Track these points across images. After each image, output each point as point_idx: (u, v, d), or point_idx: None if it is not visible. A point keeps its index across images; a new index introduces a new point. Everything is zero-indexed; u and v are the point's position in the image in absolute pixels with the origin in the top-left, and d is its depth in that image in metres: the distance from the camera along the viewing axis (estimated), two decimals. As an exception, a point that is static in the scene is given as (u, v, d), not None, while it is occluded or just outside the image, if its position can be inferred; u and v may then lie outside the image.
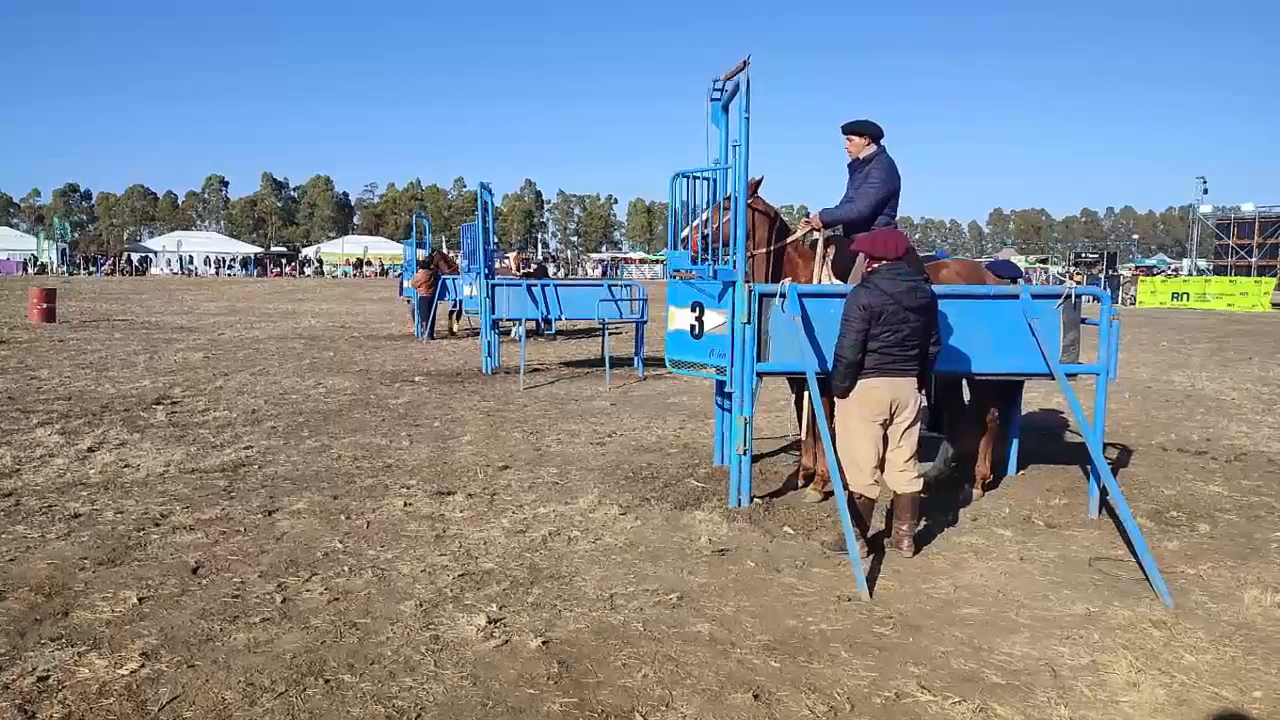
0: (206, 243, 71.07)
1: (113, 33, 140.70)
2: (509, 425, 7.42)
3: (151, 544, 4.20)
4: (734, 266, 4.80)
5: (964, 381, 5.56)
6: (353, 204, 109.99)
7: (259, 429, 7.04)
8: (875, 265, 4.16)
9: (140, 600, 3.49)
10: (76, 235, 78.50)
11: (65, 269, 57.63)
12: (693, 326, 5.22)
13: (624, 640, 3.20)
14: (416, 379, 10.27)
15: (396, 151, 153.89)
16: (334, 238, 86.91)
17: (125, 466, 5.68)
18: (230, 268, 63.81)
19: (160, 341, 14.03)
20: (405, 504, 4.93)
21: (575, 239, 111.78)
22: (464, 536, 4.38)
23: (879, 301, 4.01)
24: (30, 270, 54.95)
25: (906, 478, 4.21)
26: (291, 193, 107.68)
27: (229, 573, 3.83)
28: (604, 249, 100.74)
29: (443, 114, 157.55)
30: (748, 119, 4.68)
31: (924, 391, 4.36)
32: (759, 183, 5.20)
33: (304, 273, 64.49)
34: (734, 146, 4.84)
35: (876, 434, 4.16)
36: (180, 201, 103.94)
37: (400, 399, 8.74)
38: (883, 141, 5.18)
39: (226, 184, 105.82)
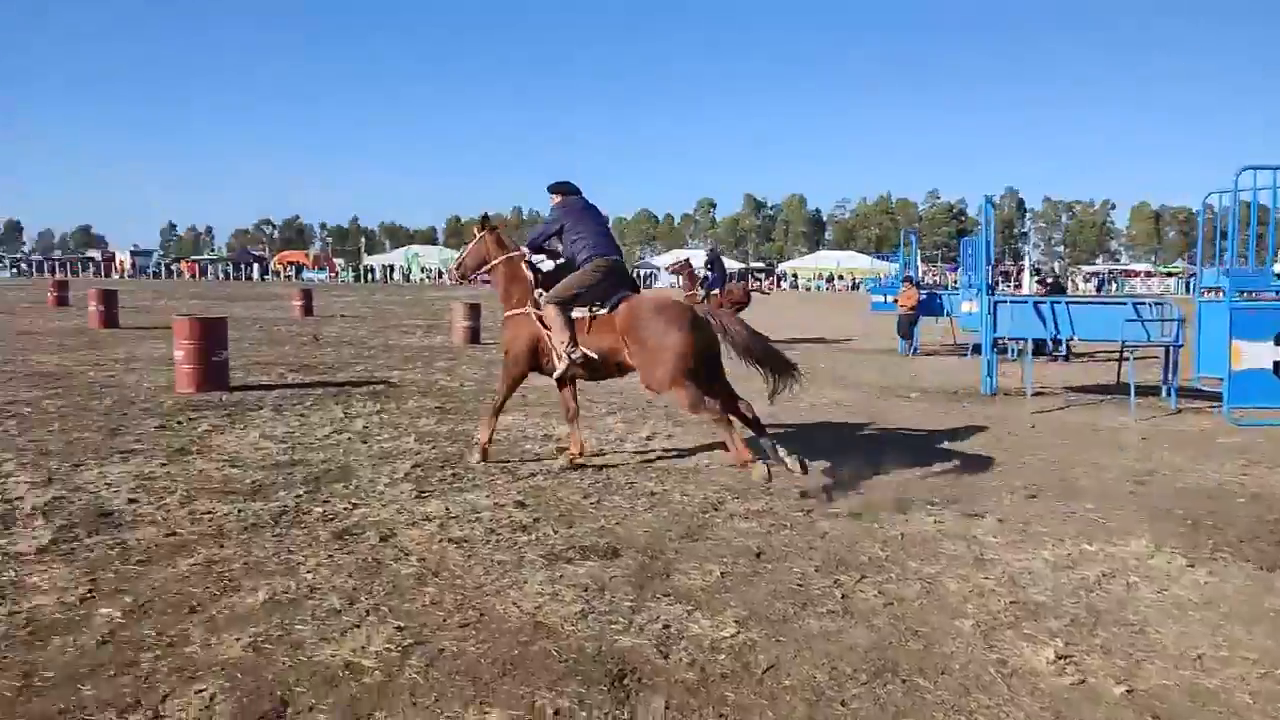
0: (698, 260, 79.02)
1: (637, 59, 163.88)
2: (1023, 451, 7.06)
3: (717, 526, 4.83)
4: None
5: None
6: (824, 219, 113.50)
7: (777, 432, 7.65)
8: None
9: (722, 575, 4.05)
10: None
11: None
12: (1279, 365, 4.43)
13: (1230, 710, 2.86)
14: (911, 395, 10.27)
15: (866, 166, 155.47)
16: (805, 253, 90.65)
17: (678, 455, 6.60)
18: (717, 282, 70.18)
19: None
20: (935, 521, 4.98)
21: (1061, 249, 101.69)
22: (1005, 563, 4.29)
23: None
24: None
25: None
26: (769, 211, 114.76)
27: (788, 562, 4.25)
28: (1099, 260, 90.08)
29: (912, 123, 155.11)
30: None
31: None
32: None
33: (780, 287, 68.31)
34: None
35: None
36: (676, 223, 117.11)
37: (901, 414, 8.83)
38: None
39: (714, 205, 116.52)
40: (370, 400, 8.76)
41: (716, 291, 17.03)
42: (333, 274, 73.67)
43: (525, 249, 6.61)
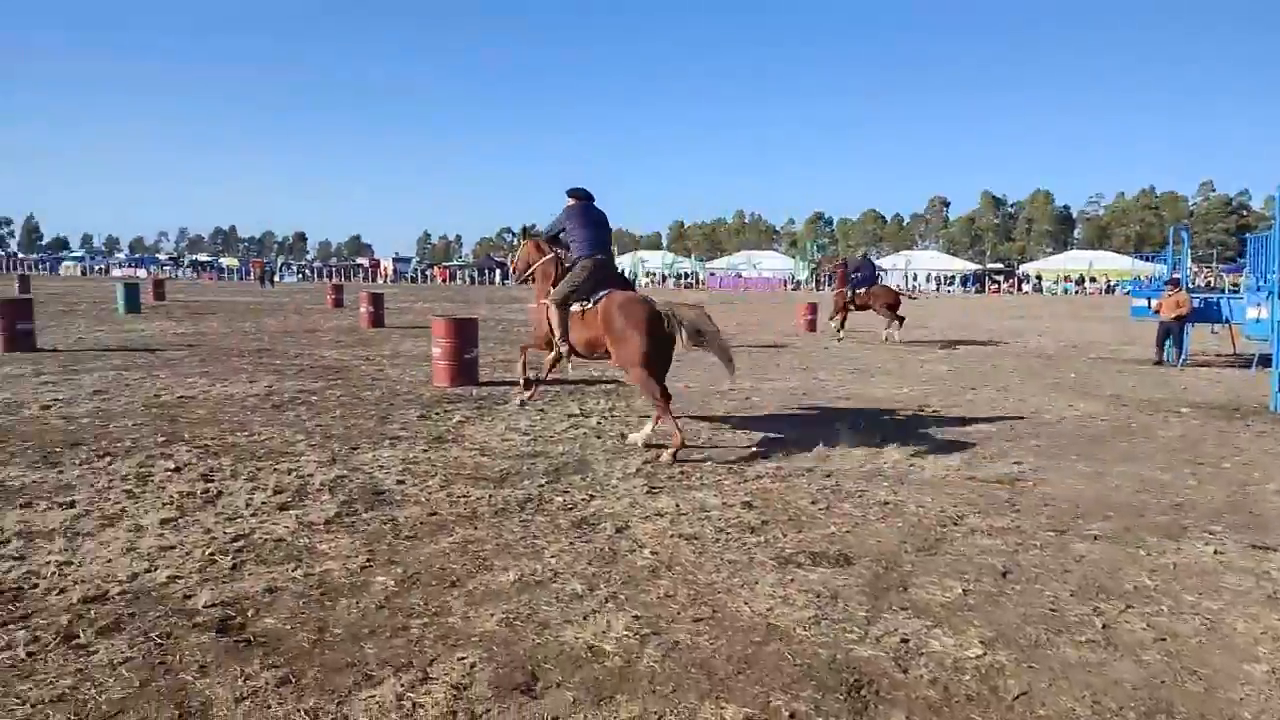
0: (929, 261, 75.35)
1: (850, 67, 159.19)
2: (1328, 478, 6.10)
3: (956, 540, 4.59)
4: None
5: None
6: (1074, 217, 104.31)
7: (1022, 445, 7.14)
8: None
9: (964, 592, 3.84)
10: (820, 256, 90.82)
11: (813, 286, 67.45)
12: None
13: None
14: (1182, 410, 9.20)
15: (1124, 158, 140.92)
16: (1051, 253, 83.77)
17: (911, 465, 6.33)
18: (950, 285, 66.56)
19: (904, 353, 15.35)
20: (1215, 551, 4.43)
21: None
22: (1307, 604, 3.73)
23: None
24: (788, 288, 65.83)
25: None
26: (1010, 208, 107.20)
27: (1038, 584, 3.95)
28: None
29: (1185, 110, 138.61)
30: None
31: None
32: None
33: (1021, 289, 63.62)
34: None
35: None
36: (905, 223, 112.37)
37: (1169, 431, 7.94)
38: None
39: (948, 204, 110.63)
40: (603, 398, 9.15)
41: (862, 290, 18.53)
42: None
43: (559, 251, 7.62)
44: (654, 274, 78.90)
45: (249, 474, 5.56)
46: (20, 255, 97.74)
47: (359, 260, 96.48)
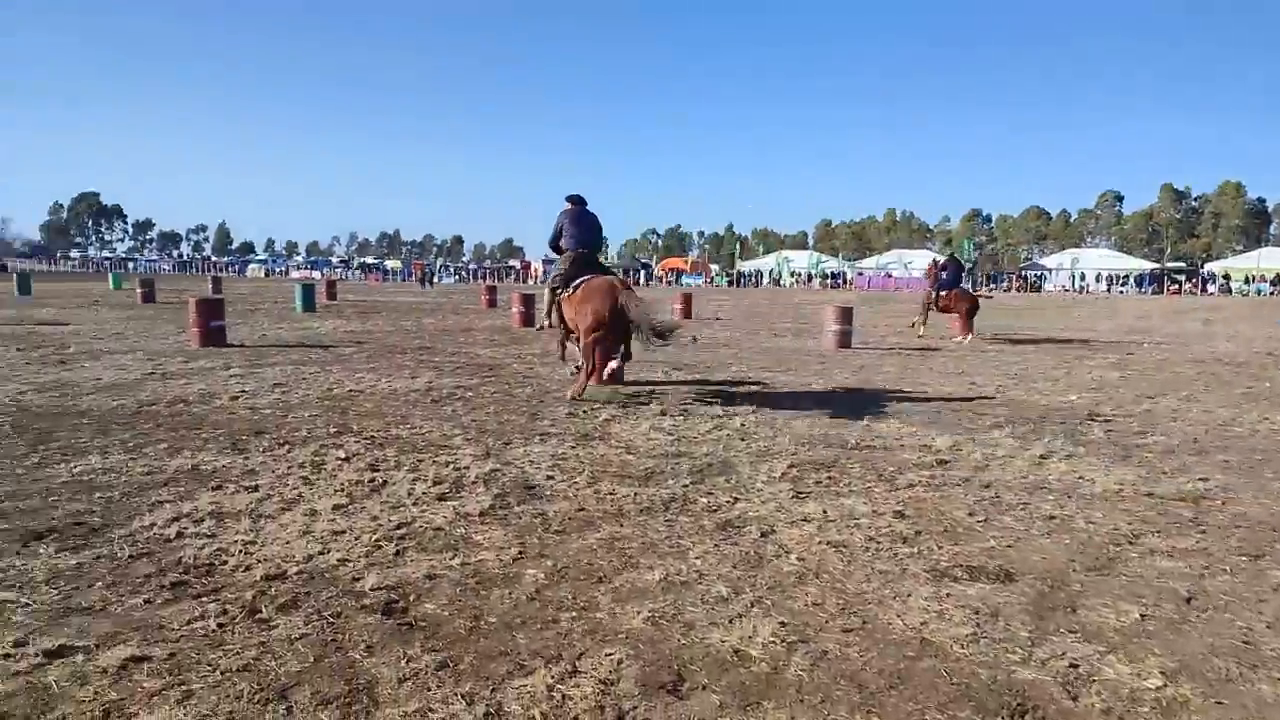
0: (1099, 260, 70.44)
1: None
2: None
3: (1131, 561, 4.25)
4: None
5: None
6: (1269, 210, 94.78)
7: (1208, 460, 6.54)
8: None
9: (1141, 617, 3.55)
10: (978, 255, 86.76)
11: (969, 285, 64.51)
12: None
13: None
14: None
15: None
16: (1241, 250, 76.45)
17: (1080, 478, 5.92)
18: (1123, 284, 61.97)
19: (1071, 357, 14.41)
20: None
21: None
22: None
23: None
24: (941, 287, 63.20)
25: None
26: (1193, 202, 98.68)
27: (1229, 613, 3.60)
28: None
29: None
30: None
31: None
32: None
33: (1206, 290, 58.44)
34: None
35: None
36: (1072, 219, 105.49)
37: (1388, 449, 7.06)
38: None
39: (1121, 199, 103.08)
40: (746, 400, 9.08)
41: (944, 292, 18.34)
42: (708, 279, 77.69)
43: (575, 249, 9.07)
44: (799, 273, 77.69)
45: (411, 465, 5.87)
46: (213, 259, 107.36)
47: (511, 262, 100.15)
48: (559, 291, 8.99)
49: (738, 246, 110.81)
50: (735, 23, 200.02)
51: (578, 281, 8.67)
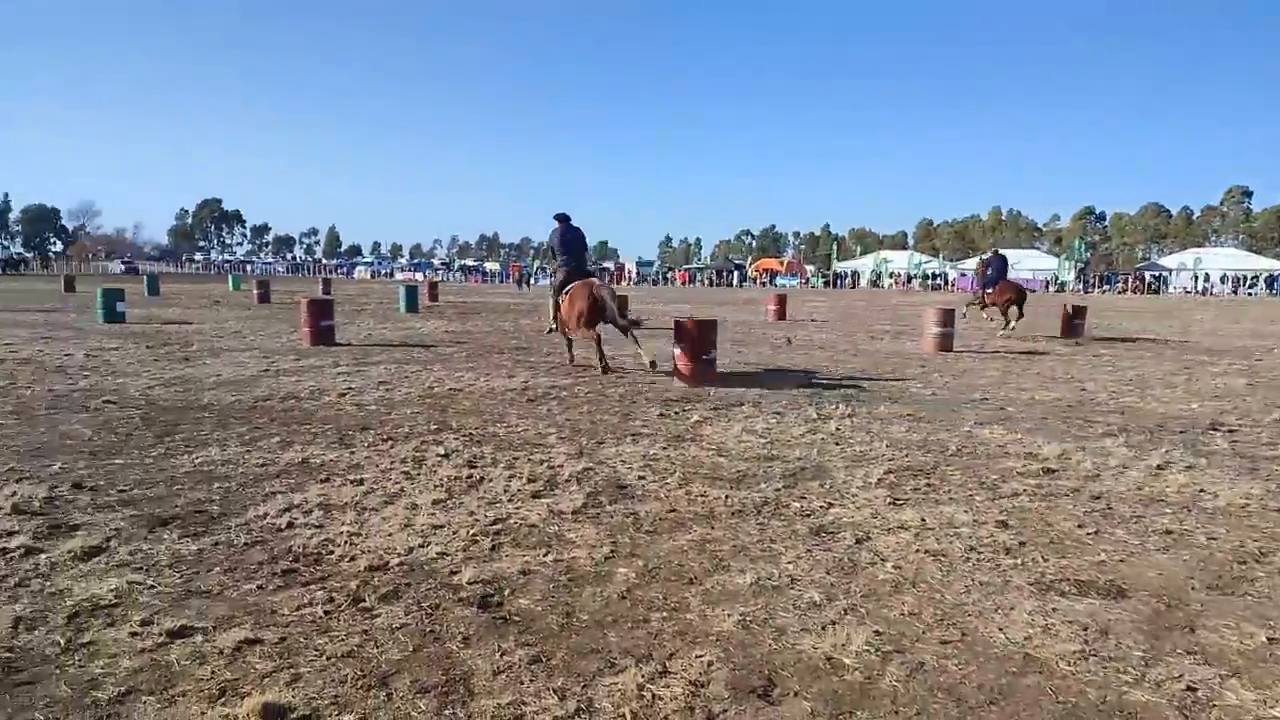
0: (1224, 260, 66.26)
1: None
2: None
3: (1258, 581, 3.98)
4: None
5: None
6: None
7: (1347, 475, 6.06)
8: None
9: (1270, 640, 3.32)
10: (1090, 255, 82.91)
11: (1080, 287, 61.71)
12: None
13: None
14: None
15: None
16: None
17: (1200, 491, 5.59)
18: (1251, 286, 58.13)
19: (1192, 363, 13.61)
20: None
21: None
22: None
23: None
24: (1050, 289, 60.68)
25: None
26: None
27: (1370, 642, 3.34)
28: None
29: None
30: None
31: None
32: None
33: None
34: None
35: None
36: (1195, 217, 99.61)
37: None
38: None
39: (1250, 194, 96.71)
40: (842, 403, 8.91)
41: (990, 290, 19.19)
42: (803, 280, 76.64)
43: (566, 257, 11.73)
44: (898, 274, 75.81)
45: (507, 462, 5.99)
46: (323, 261, 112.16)
47: (605, 263, 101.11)
48: (558, 296, 11.54)
49: (833, 247, 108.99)
50: (832, 20, 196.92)
51: (569, 287, 11.30)
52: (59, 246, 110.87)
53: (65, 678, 2.89)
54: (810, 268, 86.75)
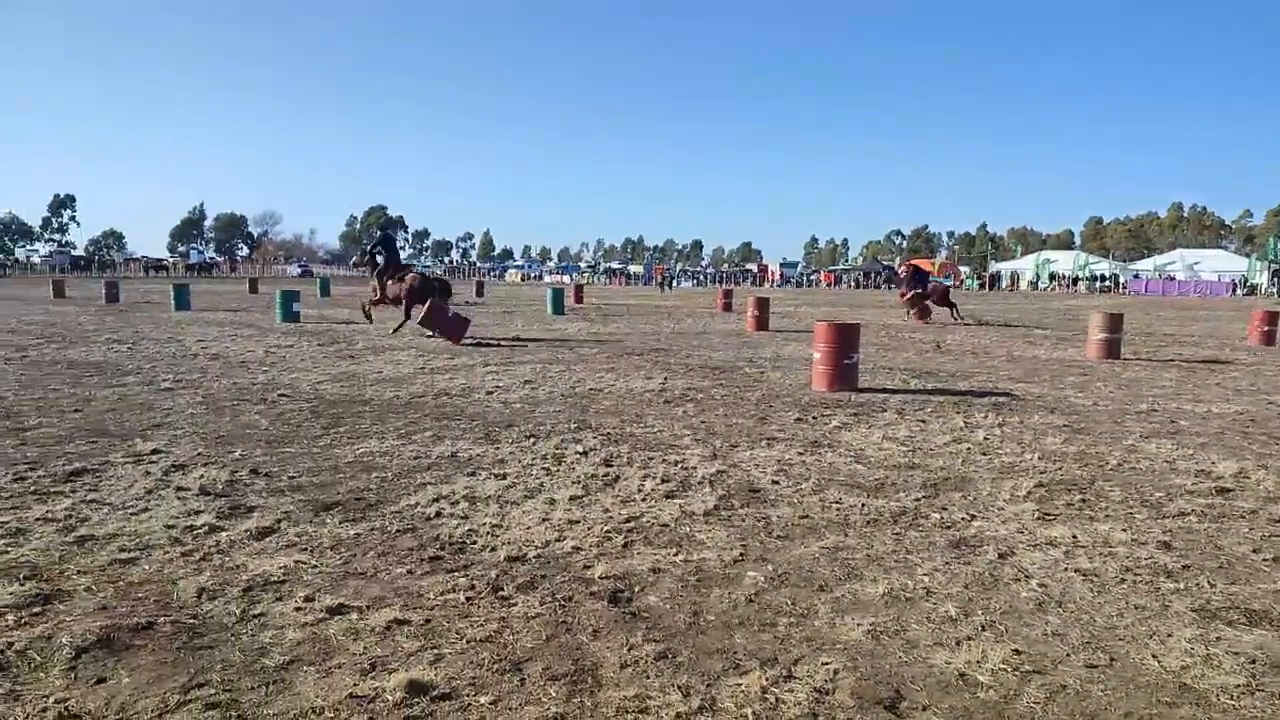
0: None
1: None
2: None
3: None
4: None
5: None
6: None
7: None
8: None
9: None
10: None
11: (1275, 290, 56.09)
12: None
13: None
14: None
15: None
16: None
17: (1407, 518, 5.00)
18: None
19: (1407, 375, 12.13)
20: None
21: None
22: None
23: None
24: (1238, 291, 55.43)
25: None
26: None
27: None
28: None
29: None
30: None
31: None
32: None
33: None
34: None
35: None
36: None
37: None
38: None
39: None
40: (991, 412, 8.53)
41: (911, 291, 23.52)
42: (957, 282, 73.49)
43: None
44: (1062, 276, 71.36)
45: (642, 462, 6.11)
46: (477, 264, 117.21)
47: (748, 266, 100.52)
48: (384, 279, 16.70)
49: (989, 246, 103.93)
50: (1004, 7, 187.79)
51: (393, 274, 16.77)
52: (245, 251, 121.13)
53: (239, 645, 3.20)
54: (964, 269, 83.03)
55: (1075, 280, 69.64)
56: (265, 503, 5.00)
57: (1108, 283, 66.96)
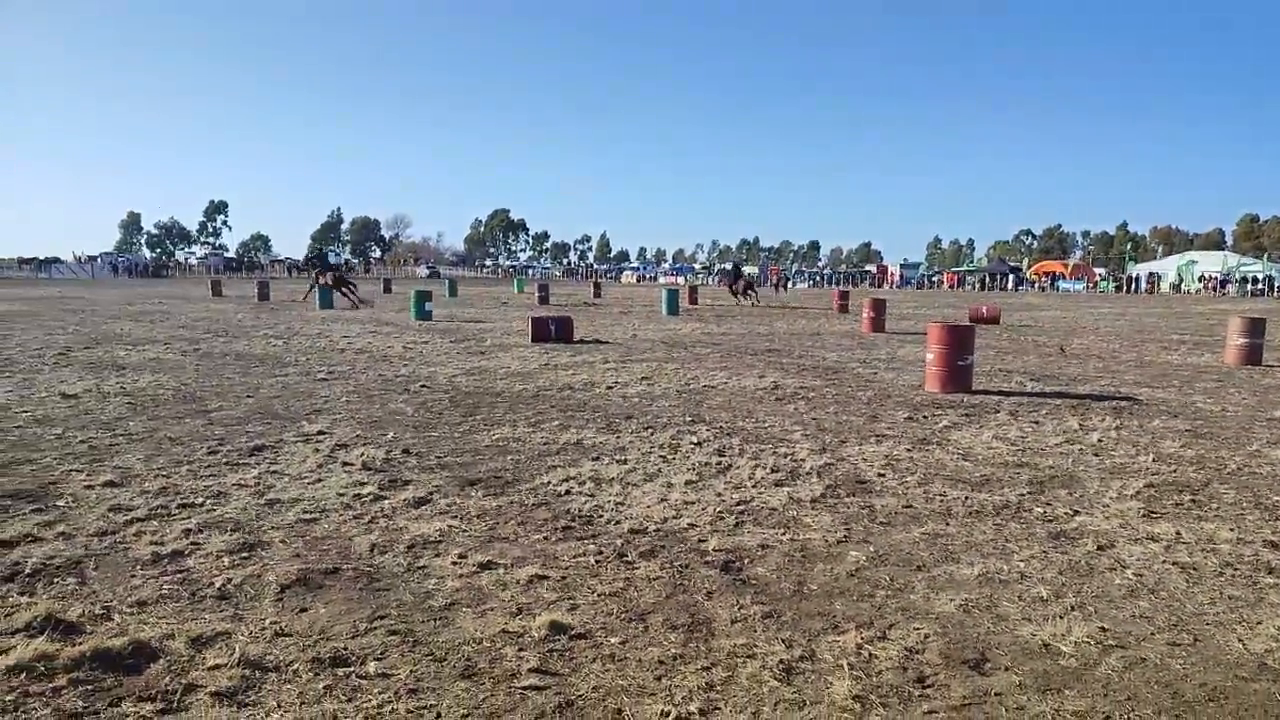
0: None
1: None
2: None
3: None
4: None
5: None
6: None
7: None
8: None
9: None
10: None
11: None
12: None
13: None
14: None
15: None
16: None
17: None
18: None
19: None
20: None
21: None
22: None
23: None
24: None
25: None
26: None
27: None
28: None
29: None
30: None
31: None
32: None
33: None
34: None
35: None
36: None
37: None
38: None
39: None
40: (1110, 415, 8.46)
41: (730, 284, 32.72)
42: (1091, 284, 69.98)
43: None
44: (1208, 277, 66.85)
45: (752, 454, 6.50)
46: (594, 266, 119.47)
47: (867, 267, 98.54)
48: (321, 279, 28.55)
49: (1127, 247, 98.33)
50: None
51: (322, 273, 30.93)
52: (378, 253, 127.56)
53: (409, 589, 3.80)
54: (1100, 270, 78.89)
55: (1223, 283, 65.08)
56: (418, 478, 5.67)
57: (1261, 285, 62.29)
